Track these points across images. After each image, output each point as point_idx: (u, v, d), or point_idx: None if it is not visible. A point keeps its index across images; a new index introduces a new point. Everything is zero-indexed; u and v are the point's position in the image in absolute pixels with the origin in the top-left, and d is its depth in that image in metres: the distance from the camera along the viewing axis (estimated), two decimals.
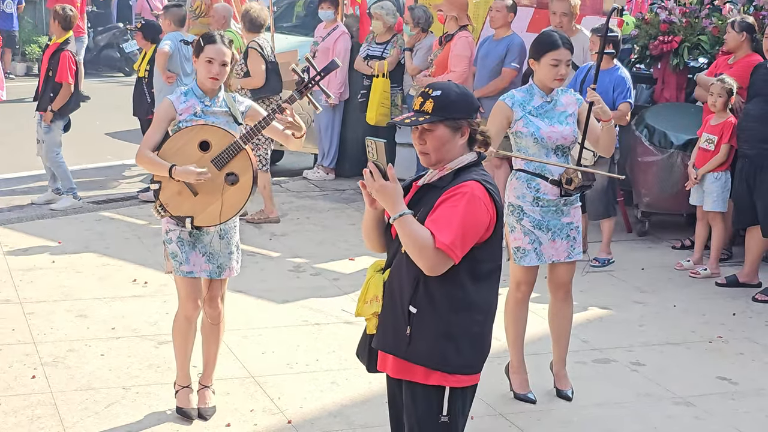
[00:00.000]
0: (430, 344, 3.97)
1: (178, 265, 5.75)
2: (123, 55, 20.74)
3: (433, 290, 3.95)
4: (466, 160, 4.04)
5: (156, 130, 5.70)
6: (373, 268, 4.18)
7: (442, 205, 3.92)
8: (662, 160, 9.51)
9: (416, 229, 3.85)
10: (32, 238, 9.30)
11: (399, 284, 4.02)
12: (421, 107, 4.01)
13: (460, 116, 4.01)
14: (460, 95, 4.03)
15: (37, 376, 6.39)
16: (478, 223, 3.91)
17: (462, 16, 10.61)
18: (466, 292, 3.98)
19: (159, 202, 5.68)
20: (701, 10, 10.32)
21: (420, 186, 4.10)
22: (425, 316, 3.97)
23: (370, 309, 4.11)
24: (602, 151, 6.19)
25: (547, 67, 5.97)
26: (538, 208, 6.03)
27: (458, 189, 3.93)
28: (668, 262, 9.25)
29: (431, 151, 4.02)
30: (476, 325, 4.05)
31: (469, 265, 3.94)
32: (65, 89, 10.46)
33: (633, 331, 7.56)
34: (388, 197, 3.87)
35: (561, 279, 6.25)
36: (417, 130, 4.04)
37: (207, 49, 5.66)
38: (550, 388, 6.41)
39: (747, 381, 6.75)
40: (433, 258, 3.83)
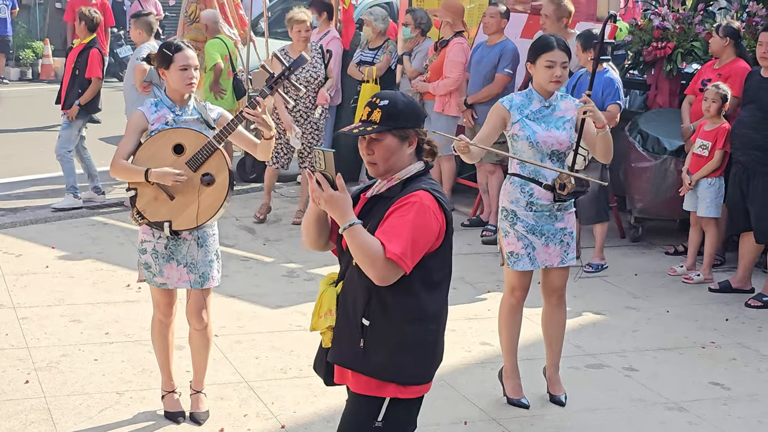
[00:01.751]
0: (384, 356, 3.95)
1: (152, 276, 5.78)
2: (117, 60, 20.72)
3: (386, 301, 3.93)
4: (414, 170, 4.02)
5: (128, 141, 5.70)
6: (325, 281, 4.16)
7: (391, 216, 3.89)
8: (655, 165, 9.53)
9: (366, 240, 3.82)
10: (26, 243, 9.29)
11: (352, 297, 4.00)
12: (368, 117, 3.98)
13: (407, 126, 3.99)
14: (407, 105, 4.01)
15: (31, 381, 6.39)
16: (428, 233, 3.89)
17: (457, 21, 10.64)
18: (419, 301, 3.96)
19: (136, 210, 5.69)
20: (694, 17, 10.35)
21: (369, 197, 4.08)
22: (379, 328, 3.94)
23: (324, 323, 4.08)
24: (600, 157, 6.19)
25: (543, 69, 5.99)
26: (532, 213, 6.04)
27: (407, 199, 3.90)
28: (661, 267, 9.26)
29: (379, 161, 3.99)
30: (430, 334, 4.04)
31: (421, 275, 3.92)
32: (95, 84, 10.63)
33: (626, 337, 7.57)
34: (337, 207, 3.83)
35: (554, 284, 6.26)
36: (365, 140, 4.01)
37: (178, 58, 5.67)
38: (543, 393, 6.42)
39: (739, 386, 6.77)
40: (384, 268, 3.80)
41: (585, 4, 10.94)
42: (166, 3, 23.07)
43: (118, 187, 11.84)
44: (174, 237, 5.71)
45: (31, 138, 13.99)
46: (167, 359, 6.01)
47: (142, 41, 10.66)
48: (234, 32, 12.28)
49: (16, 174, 12.13)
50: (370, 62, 11.36)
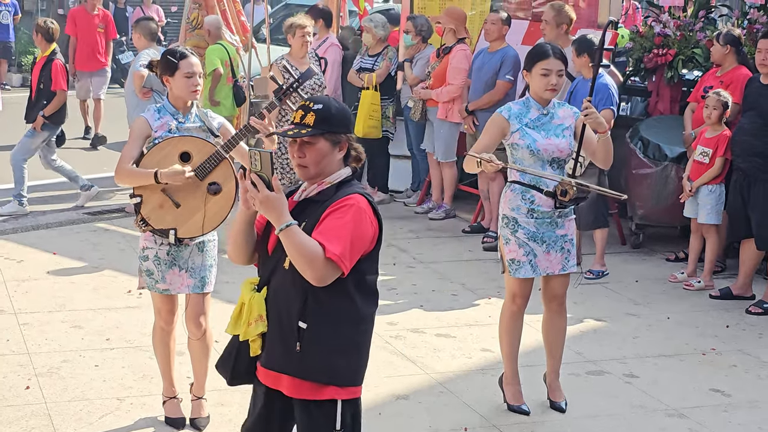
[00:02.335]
0: (321, 359, 3.97)
1: (154, 282, 5.77)
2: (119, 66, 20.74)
3: (322, 304, 3.94)
4: (344, 175, 4.06)
5: (132, 147, 5.68)
6: (247, 287, 4.11)
7: (329, 217, 3.92)
8: (656, 172, 9.53)
9: (304, 240, 3.83)
10: (27, 249, 9.30)
11: (285, 300, 3.98)
12: (302, 120, 4.00)
13: (340, 131, 4.03)
14: (339, 110, 4.05)
15: (32, 386, 6.39)
16: (364, 236, 3.95)
17: (460, 28, 10.66)
18: (354, 304, 4.00)
19: (140, 216, 5.68)
20: (695, 23, 10.36)
21: (298, 201, 4.08)
22: (315, 330, 3.95)
23: (255, 330, 4.03)
24: (600, 163, 6.19)
25: (538, 77, 6.00)
26: (533, 220, 6.04)
27: (344, 202, 3.94)
28: (662, 274, 9.27)
29: (310, 164, 4.01)
30: (363, 335, 4.10)
31: (355, 277, 3.96)
32: (60, 96, 10.56)
33: (627, 343, 7.57)
34: (273, 209, 3.84)
35: (555, 291, 6.26)
36: (296, 143, 4.02)
37: (183, 65, 5.66)
38: (543, 399, 6.42)
39: (740, 393, 6.76)
40: (323, 268, 3.82)
41: (586, 11, 10.95)
42: (168, 9, 23.14)
43: (120, 192, 11.85)
44: (177, 244, 5.71)
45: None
46: (168, 365, 6.02)
47: (143, 47, 10.67)
48: (236, 39, 12.29)
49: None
50: (370, 69, 11.36)
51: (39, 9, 23.37)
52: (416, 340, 7.45)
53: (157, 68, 5.83)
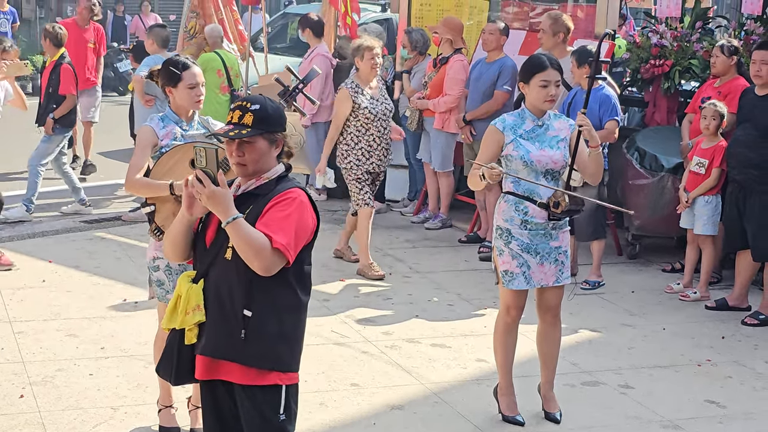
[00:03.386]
0: (265, 345, 4.13)
1: (164, 293, 5.75)
2: (117, 74, 20.79)
3: (266, 293, 4.10)
4: (281, 170, 4.25)
5: (141, 156, 5.69)
6: (184, 280, 4.23)
7: (272, 209, 4.08)
8: (653, 183, 9.53)
9: (251, 232, 3.99)
10: (23, 257, 9.29)
11: (228, 290, 4.12)
12: (240, 120, 4.15)
13: (276, 130, 4.21)
14: (275, 110, 4.23)
15: (26, 395, 6.38)
16: (307, 228, 4.14)
17: (457, 38, 10.67)
18: (294, 292, 4.18)
19: (155, 225, 5.66)
20: (692, 34, 10.37)
21: (237, 195, 4.19)
22: (260, 318, 4.11)
23: (193, 319, 4.16)
24: (589, 178, 6.19)
25: (537, 89, 5.99)
26: (527, 232, 6.03)
27: (286, 195, 4.12)
28: (658, 285, 9.26)
29: (249, 163, 4.17)
30: (301, 323, 4.28)
31: (295, 268, 4.13)
32: (69, 100, 10.64)
33: (622, 354, 7.57)
34: (220, 203, 3.99)
35: (549, 303, 6.26)
36: (235, 142, 4.16)
37: (186, 76, 5.67)
38: (538, 410, 6.41)
39: (735, 405, 6.76)
40: (270, 258, 3.98)
41: (583, 22, 10.97)
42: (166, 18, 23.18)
43: (117, 201, 11.87)
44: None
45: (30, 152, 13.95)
46: None
47: (154, 52, 10.74)
48: (233, 48, 12.31)
49: (14, 188, 12.11)
50: None
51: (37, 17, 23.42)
52: (411, 350, 7.44)
53: (157, 78, 5.82)
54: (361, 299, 8.54)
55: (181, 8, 13.26)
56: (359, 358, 7.27)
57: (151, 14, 23.29)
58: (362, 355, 7.33)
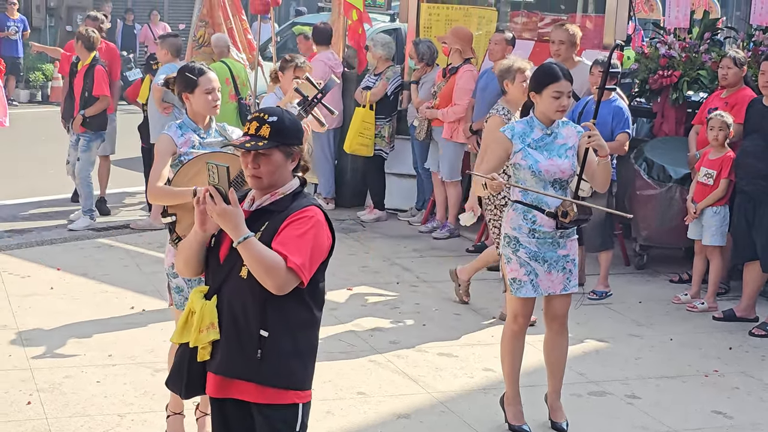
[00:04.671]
0: (281, 364, 4.07)
1: (183, 300, 5.73)
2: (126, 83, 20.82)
3: (282, 312, 4.04)
4: (296, 185, 4.17)
5: (161, 165, 5.68)
6: (197, 295, 4.15)
7: (288, 228, 4.01)
8: (661, 193, 9.53)
9: (263, 251, 3.92)
10: (31, 265, 9.31)
11: (242, 309, 4.05)
12: (257, 132, 4.08)
13: (293, 143, 4.13)
14: (292, 121, 4.15)
15: (33, 402, 6.39)
16: (323, 247, 4.07)
17: (466, 48, 10.69)
18: (309, 310, 4.13)
19: (176, 235, 5.65)
20: (701, 45, 10.38)
21: (252, 211, 4.13)
22: (276, 337, 4.04)
23: (207, 337, 4.08)
24: (597, 187, 6.19)
25: (549, 100, 5.99)
26: (534, 240, 6.04)
27: (303, 213, 4.05)
28: (666, 295, 9.25)
29: (264, 176, 4.10)
30: (315, 339, 4.24)
31: (310, 286, 4.06)
32: (102, 102, 10.64)
33: (629, 364, 7.56)
34: (230, 221, 3.93)
35: (556, 311, 6.25)
36: (251, 154, 4.09)
37: (203, 81, 5.69)
38: (545, 420, 6.41)
39: (742, 415, 6.75)
40: (284, 277, 3.92)
41: (592, 32, 10.99)
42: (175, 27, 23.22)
43: (124, 209, 11.89)
44: None
45: (40, 160, 14.04)
46: None
47: (167, 61, 10.76)
48: (242, 57, 12.33)
49: (23, 195, 12.17)
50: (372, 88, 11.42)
51: (47, 25, 23.48)
52: (418, 359, 7.44)
53: (173, 85, 5.83)
54: (369, 308, 8.55)
55: (191, 17, 13.30)
56: (366, 367, 7.27)
57: (160, 23, 23.38)
58: (369, 363, 7.33)
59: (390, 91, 11.46)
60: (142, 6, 25.53)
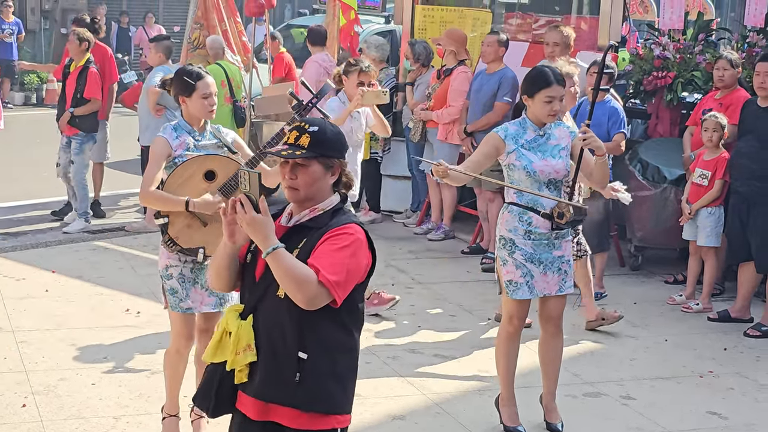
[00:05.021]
0: (320, 388, 3.89)
1: (178, 301, 5.73)
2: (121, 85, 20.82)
3: (320, 334, 3.87)
4: (336, 201, 4.00)
5: (155, 168, 5.66)
6: (233, 314, 3.97)
7: (325, 243, 3.84)
8: (655, 194, 9.54)
9: (293, 263, 3.75)
10: (26, 267, 9.31)
11: (280, 329, 3.87)
12: (296, 141, 3.92)
13: (334, 155, 3.96)
14: (334, 133, 3.98)
15: (28, 404, 6.39)
16: (360, 268, 3.89)
17: (461, 50, 10.69)
18: (348, 332, 3.96)
19: (168, 237, 5.65)
20: (695, 46, 10.39)
21: (289, 226, 3.98)
22: (314, 360, 3.87)
23: (244, 359, 3.89)
24: (595, 185, 6.21)
25: (541, 104, 6.00)
26: (530, 242, 6.04)
27: (343, 230, 3.88)
28: (661, 296, 9.26)
29: (301, 187, 3.93)
30: (354, 362, 4.04)
31: (348, 307, 3.88)
32: (92, 104, 10.61)
33: (624, 365, 7.57)
34: (260, 231, 3.75)
35: (552, 312, 6.26)
36: (288, 164, 3.94)
37: (200, 85, 5.69)
38: (540, 421, 6.41)
39: (737, 416, 6.75)
40: (315, 291, 3.73)
41: (587, 33, 11.00)
42: (170, 29, 23.23)
43: (119, 212, 11.88)
44: (204, 262, 5.69)
45: (34, 162, 14.02)
46: (178, 386, 5.98)
47: (158, 63, 10.76)
48: (237, 59, 12.33)
49: (18, 198, 12.16)
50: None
51: (42, 28, 23.47)
52: (413, 361, 7.45)
53: (170, 87, 5.83)
54: None
55: (185, 20, 13.30)
56: (361, 368, 7.17)
57: (155, 26, 23.37)
58: (365, 365, 7.30)
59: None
60: (137, 8, 25.54)
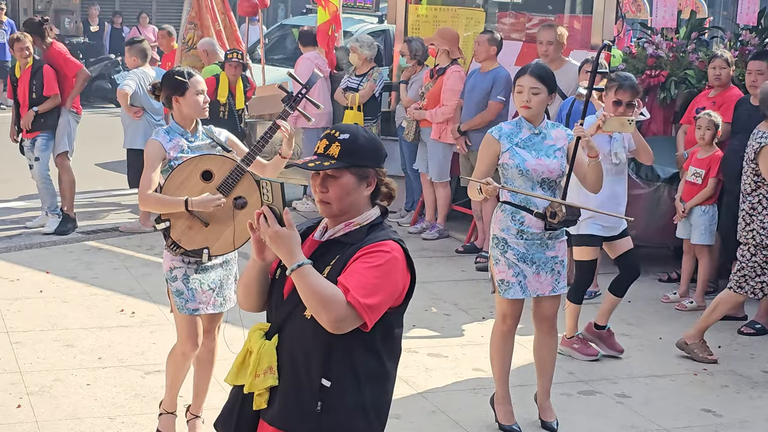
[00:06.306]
0: (342, 419, 3.57)
1: (184, 302, 5.72)
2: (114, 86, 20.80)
3: (347, 359, 3.55)
4: (374, 216, 3.67)
5: (152, 172, 5.65)
6: (256, 334, 3.68)
7: (357, 261, 3.52)
8: (649, 193, 9.55)
9: (319, 281, 3.43)
10: (20, 268, 9.30)
11: (303, 353, 3.57)
12: (326, 151, 3.60)
13: (367, 164, 3.63)
14: (368, 140, 3.65)
15: (23, 405, 6.39)
16: (395, 289, 3.57)
17: (453, 49, 10.69)
18: (380, 360, 3.62)
19: (171, 240, 5.64)
20: (688, 45, 10.41)
21: (322, 241, 3.69)
22: (339, 389, 3.55)
23: (264, 383, 3.60)
24: (589, 188, 6.20)
25: (515, 95, 6.05)
26: (523, 241, 6.05)
27: (378, 248, 3.55)
28: (655, 294, 9.28)
29: (333, 200, 3.61)
30: (385, 394, 3.70)
31: (382, 331, 3.58)
32: (53, 100, 10.46)
33: (618, 363, 7.58)
34: (284, 245, 3.44)
35: (545, 313, 6.27)
36: (319, 176, 3.63)
37: (193, 83, 5.70)
38: (534, 419, 6.43)
39: (731, 413, 6.77)
40: (342, 312, 3.41)
41: (580, 32, 11.01)
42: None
43: (114, 212, 11.87)
44: (207, 263, 5.69)
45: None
46: (177, 386, 5.98)
47: (136, 67, 10.71)
48: None
49: (11, 199, 12.14)
50: (356, 89, 11.41)
51: None
52: (408, 360, 7.44)
53: (160, 91, 5.81)
54: None
55: (179, 20, 13.30)
56: None
57: (149, 26, 23.34)
58: None
59: (377, 92, 11.47)
60: (131, 9, 25.52)
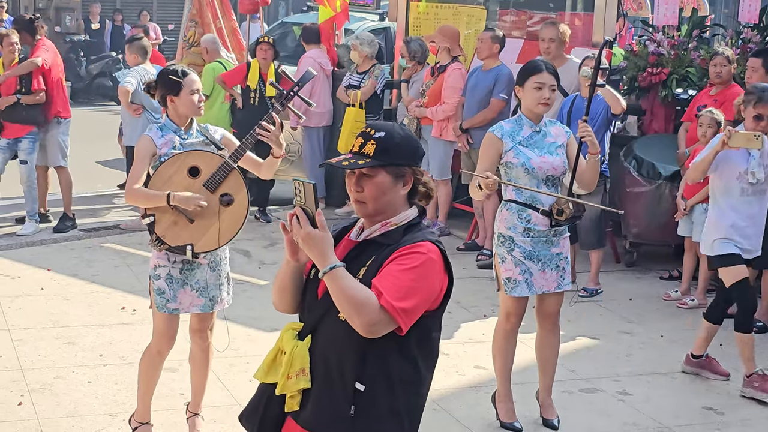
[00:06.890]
0: (376, 424, 3.50)
1: (164, 302, 5.70)
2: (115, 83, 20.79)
3: (381, 364, 3.48)
4: (411, 216, 3.60)
5: (140, 167, 5.64)
6: (289, 333, 3.62)
7: (392, 263, 3.45)
8: (650, 191, 9.55)
9: (352, 284, 3.36)
10: (21, 265, 9.30)
11: (337, 355, 3.49)
12: (361, 149, 3.53)
13: (403, 162, 3.56)
14: (404, 138, 3.57)
15: (24, 402, 6.39)
16: (431, 292, 3.49)
17: (454, 46, 10.69)
18: (415, 365, 3.54)
19: (155, 236, 5.64)
20: (689, 43, 10.40)
21: (357, 241, 3.62)
22: (373, 393, 3.48)
23: (296, 385, 3.53)
24: (584, 186, 6.20)
25: (531, 91, 6.02)
26: (529, 239, 6.04)
27: (414, 249, 3.47)
28: (656, 292, 9.28)
29: (369, 200, 3.54)
30: (419, 398, 3.63)
31: (418, 335, 3.50)
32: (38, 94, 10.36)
33: (620, 361, 7.58)
34: (317, 247, 3.37)
35: (549, 309, 6.27)
36: (354, 175, 3.56)
37: (188, 82, 5.67)
38: (536, 417, 6.43)
39: (732, 411, 6.77)
40: (375, 316, 3.33)
41: (581, 30, 11.00)
42: (165, 27, 23.23)
43: (114, 210, 11.87)
44: (194, 260, 5.69)
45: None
46: (151, 390, 5.93)
47: (137, 64, 10.71)
48: (231, 57, 12.33)
49: (12, 196, 12.12)
50: (357, 86, 11.42)
51: None
52: None
53: (155, 90, 5.79)
54: None
55: (180, 17, 13.30)
56: None
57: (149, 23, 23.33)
58: None
59: (379, 89, 11.47)
60: (131, 6, 25.49)
